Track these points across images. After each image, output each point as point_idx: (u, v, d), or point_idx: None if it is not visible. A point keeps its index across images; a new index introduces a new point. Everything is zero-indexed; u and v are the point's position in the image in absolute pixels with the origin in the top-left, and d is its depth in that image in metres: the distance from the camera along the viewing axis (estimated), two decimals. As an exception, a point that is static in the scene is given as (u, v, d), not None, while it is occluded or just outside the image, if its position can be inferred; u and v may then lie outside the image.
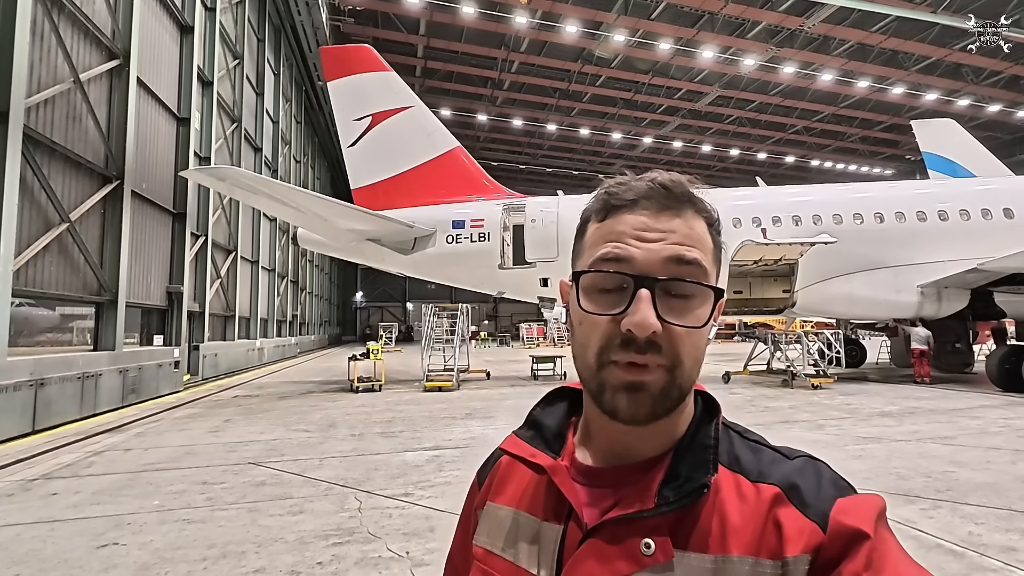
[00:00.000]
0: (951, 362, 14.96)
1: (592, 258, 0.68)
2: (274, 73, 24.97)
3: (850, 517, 0.58)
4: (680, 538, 0.62)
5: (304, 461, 6.30)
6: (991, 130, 35.32)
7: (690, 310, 0.64)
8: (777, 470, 0.65)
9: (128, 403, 10.64)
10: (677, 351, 0.63)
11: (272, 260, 24.66)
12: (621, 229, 0.67)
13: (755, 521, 0.61)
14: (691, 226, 0.67)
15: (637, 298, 0.63)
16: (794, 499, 0.61)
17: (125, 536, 4.09)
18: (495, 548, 0.73)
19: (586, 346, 0.66)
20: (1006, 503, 4.54)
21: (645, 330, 0.61)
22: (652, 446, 0.68)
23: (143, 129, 11.81)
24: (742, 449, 0.69)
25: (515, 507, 0.75)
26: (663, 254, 0.65)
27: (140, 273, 11.84)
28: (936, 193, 14.08)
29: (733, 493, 0.64)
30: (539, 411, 0.84)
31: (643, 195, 0.68)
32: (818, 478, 0.63)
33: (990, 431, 7.46)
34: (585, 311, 0.66)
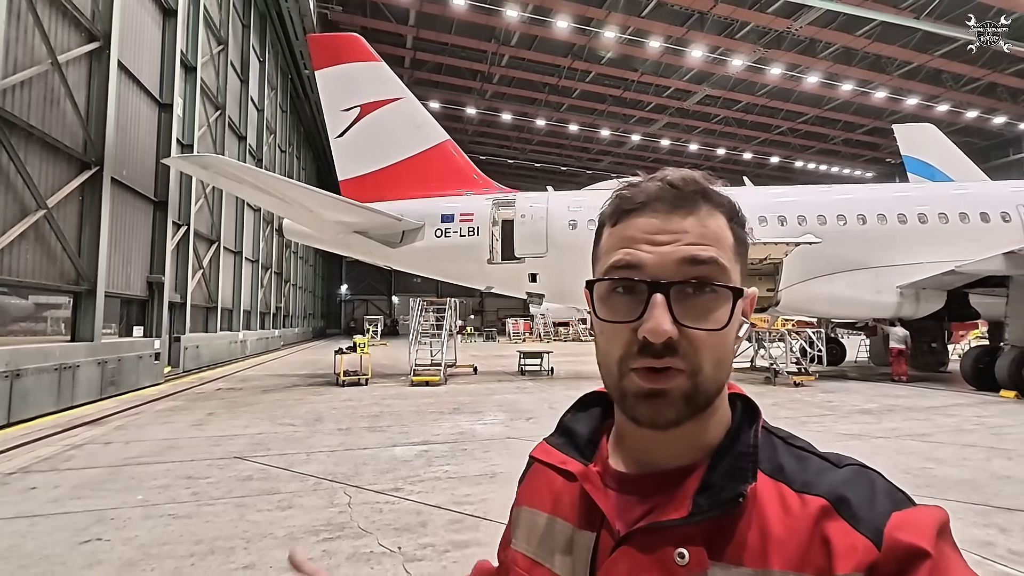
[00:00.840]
0: (927, 361, 15.37)
1: (606, 265, 0.67)
2: (259, 60, 24.48)
3: (908, 533, 0.53)
4: (716, 549, 0.59)
5: (291, 455, 6.23)
6: (968, 135, 36.23)
7: (709, 312, 0.62)
8: (824, 480, 0.60)
9: (107, 395, 10.40)
10: (697, 355, 0.61)
11: (256, 251, 24.26)
12: (631, 234, 0.66)
13: (799, 535, 0.57)
14: (706, 224, 0.65)
15: (651, 304, 0.61)
16: (844, 512, 0.57)
17: (108, 531, 4.00)
18: (531, 553, 0.73)
19: (607, 355, 0.65)
20: (983, 499, 4.69)
21: (660, 336, 0.60)
22: (683, 452, 0.66)
23: (124, 114, 11.48)
24: (786, 456, 0.65)
25: (550, 512, 0.74)
26: (676, 256, 0.63)
27: (120, 262, 11.54)
28: (916, 196, 14.42)
29: (775, 503, 0.60)
30: (571, 417, 0.82)
31: (653, 196, 0.66)
32: (871, 489, 0.59)
33: (965, 428, 7.69)
34: (602, 320, 0.65)
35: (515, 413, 8.99)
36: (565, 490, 0.73)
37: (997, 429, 7.61)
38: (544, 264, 13.64)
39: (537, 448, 0.81)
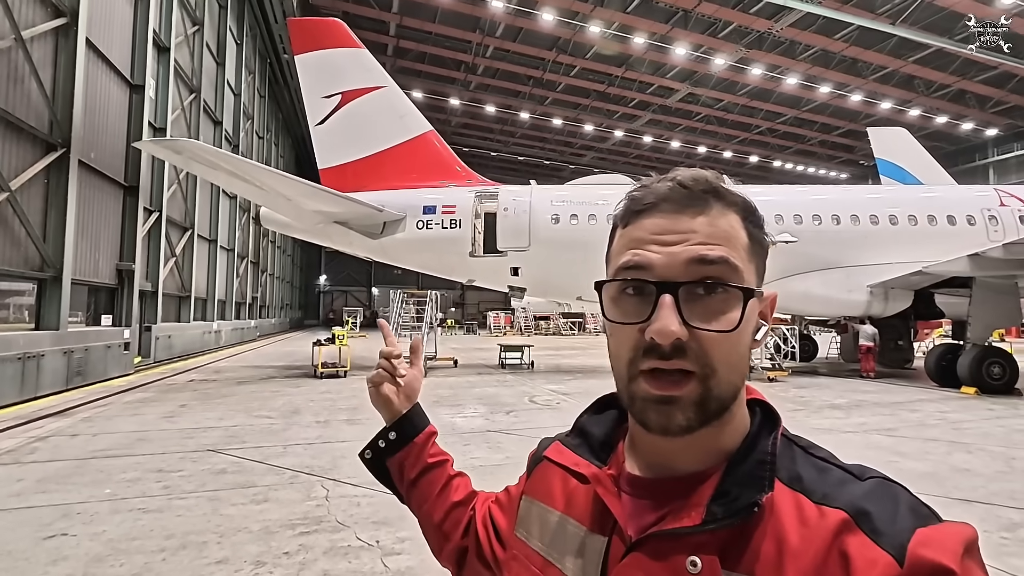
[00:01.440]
0: (894, 358, 15.87)
1: (616, 267, 0.67)
2: (236, 43, 23.79)
3: (932, 550, 0.50)
4: (730, 559, 0.58)
5: (267, 448, 6.13)
6: (938, 140, 37.38)
7: (719, 313, 0.61)
8: (845, 492, 0.58)
9: (73, 386, 10.07)
10: (708, 357, 0.60)
11: (231, 239, 23.69)
12: (640, 235, 0.65)
13: (817, 547, 0.55)
14: (716, 223, 0.63)
15: (660, 304, 0.60)
16: (865, 526, 0.54)
17: (75, 526, 3.89)
18: (543, 552, 0.73)
19: (617, 357, 0.65)
20: (944, 491, 4.89)
21: (667, 337, 0.59)
22: (696, 459, 0.65)
23: (92, 95, 11.05)
24: (805, 466, 0.63)
25: (563, 511, 0.73)
26: (684, 256, 0.62)
27: (87, 249, 11.15)
28: (887, 198, 14.82)
29: (792, 514, 0.58)
30: (587, 418, 0.81)
31: (663, 197, 0.65)
32: (895, 504, 0.56)
33: (928, 423, 7.99)
34: (612, 321, 0.65)
35: (495, 406, 9.00)
36: (578, 491, 0.73)
37: (958, 424, 7.93)
38: (526, 258, 13.63)
39: (551, 448, 0.81)
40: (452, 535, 0.95)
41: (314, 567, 3.32)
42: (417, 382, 1.07)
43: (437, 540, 0.97)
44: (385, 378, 1.04)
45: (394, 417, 1.03)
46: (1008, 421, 8.15)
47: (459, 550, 0.94)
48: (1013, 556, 3.58)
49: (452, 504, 0.97)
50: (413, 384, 1.06)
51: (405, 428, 1.02)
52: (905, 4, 23.28)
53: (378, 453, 1.03)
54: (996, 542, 3.80)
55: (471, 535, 0.92)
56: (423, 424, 1.04)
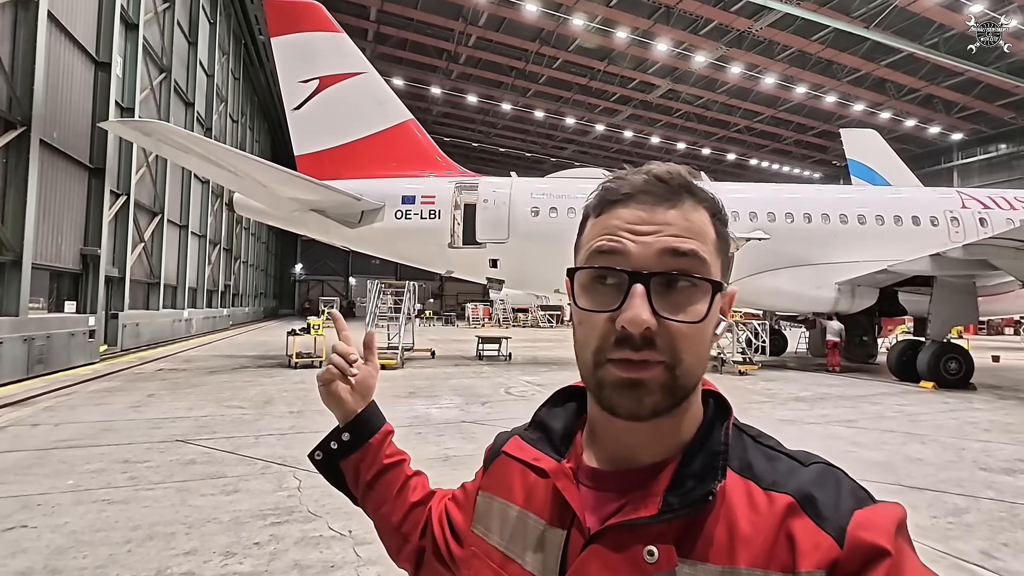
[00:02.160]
0: (858, 353, 16.44)
1: (587, 253, 0.67)
2: (210, 22, 23.01)
3: (869, 532, 0.55)
4: (685, 546, 0.60)
5: (238, 439, 6.05)
6: (906, 143, 38.55)
7: (688, 304, 0.62)
8: (792, 479, 0.62)
9: (34, 374, 9.72)
10: (676, 347, 0.61)
11: (203, 225, 23.08)
12: (615, 223, 0.65)
13: (766, 532, 0.58)
14: (689, 218, 0.65)
15: (631, 294, 0.61)
16: (809, 510, 0.58)
17: (35, 518, 3.79)
18: (503, 547, 0.72)
19: (585, 345, 0.65)
20: (895, 479, 5.13)
21: (638, 326, 0.59)
22: (657, 449, 0.66)
23: (55, 71, 10.59)
24: (755, 454, 0.66)
25: (522, 506, 0.73)
26: (657, 247, 0.63)
27: (49, 232, 10.73)
28: (856, 198, 15.27)
29: (743, 501, 0.61)
30: (545, 412, 0.81)
31: (639, 188, 0.66)
32: (836, 488, 0.60)
33: (886, 415, 8.33)
34: (581, 308, 0.65)
35: (471, 397, 9.04)
36: (538, 485, 0.73)
37: (914, 416, 8.29)
38: (505, 250, 13.64)
39: (510, 443, 0.80)
40: (411, 536, 0.92)
41: (285, 557, 3.31)
42: (372, 379, 1.02)
43: (395, 542, 0.94)
44: (336, 375, 0.99)
45: (348, 417, 0.98)
46: (961, 414, 8.56)
47: (417, 551, 0.92)
48: (958, 540, 3.78)
49: (411, 505, 0.94)
50: (367, 381, 1.01)
51: (360, 428, 0.98)
52: (879, 8, 23.86)
53: (330, 455, 0.99)
54: (943, 527, 4.01)
55: (428, 534, 0.91)
56: (379, 423, 1.00)
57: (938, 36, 25.54)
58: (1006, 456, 6.04)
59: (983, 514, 4.29)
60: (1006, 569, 3.38)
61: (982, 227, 13.93)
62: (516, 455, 0.77)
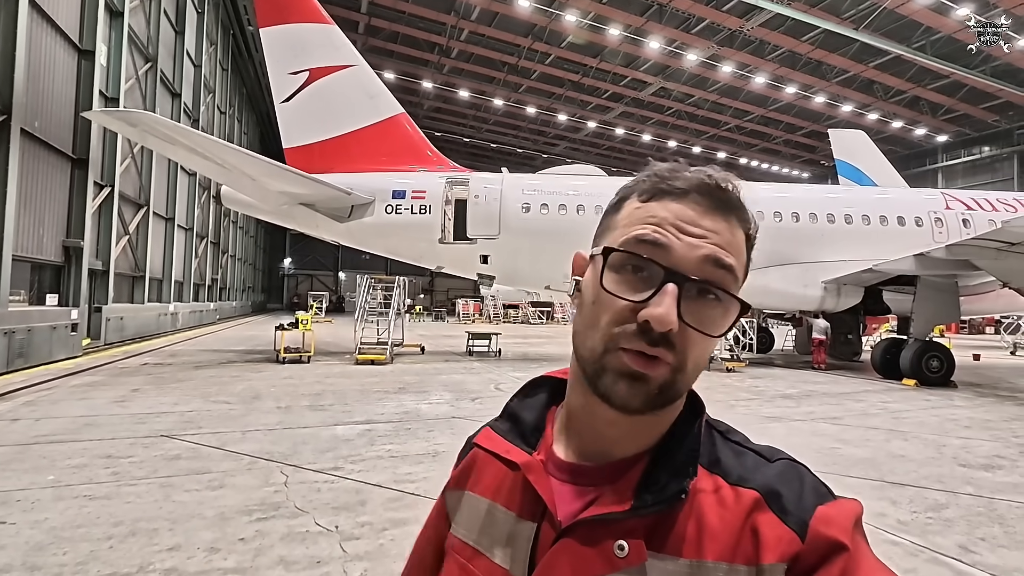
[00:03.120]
0: (843, 351, 16.69)
1: (626, 236, 0.64)
2: (197, 11, 22.63)
3: (829, 527, 0.57)
4: (655, 541, 0.60)
5: (225, 434, 5.99)
6: (893, 144, 39.08)
7: (712, 317, 0.61)
8: (758, 474, 0.63)
9: (14, 368, 9.55)
10: (686, 354, 0.61)
11: (190, 218, 22.75)
12: (664, 215, 0.64)
13: (733, 526, 0.60)
14: (734, 233, 0.65)
15: (663, 291, 0.59)
16: (774, 506, 0.60)
17: (14, 514, 3.72)
18: (471, 540, 0.71)
19: (595, 327, 0.63)
20: (879, 475, 5.21)
21: (664, 325, 0.58)
22: (632, 444, 0.66)
23: (36, 59, 10.35)
24: (724, 450, 0.67)
25: (492, 499, 0.72)
26: (702, 252, 0.61)
27: (30, 223, 10.52)
28: (844, 198, 15.46)
29: (711, 497, 0.62)
30: (517, 402, 0.80)
31: (696, 188, 0.65)
32: (800, 484, 0.62)
33: (870, 413, 8.46)
34: (605, 290, 0.63)
35: (461, 393, 9.03)
36: (508, 477, 0.72)
37: (897, 413, 8.43)
38: (496, 246, 13.62)
39: (480, 435, 0.79)
40: None
41: (270, 553, 3.28)
42: None
43: None
44: None
45: None
46: (942, 411, 8.72)
47: None
48: (937, 535, 3.86)
49: None
50: None
51: None
52: (868, 10, 24.10)
53: None
54: (923, 522, 4.09)
55: None
56: None
57: (925, 39, 25.87)
58: (985, 452, 6.16)
59: (962, 509, 4.38)
60: (983, 563, 3.45)
61: (965, 228, 14.16)
62: (487, 447, 0.76)
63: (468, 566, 0.70)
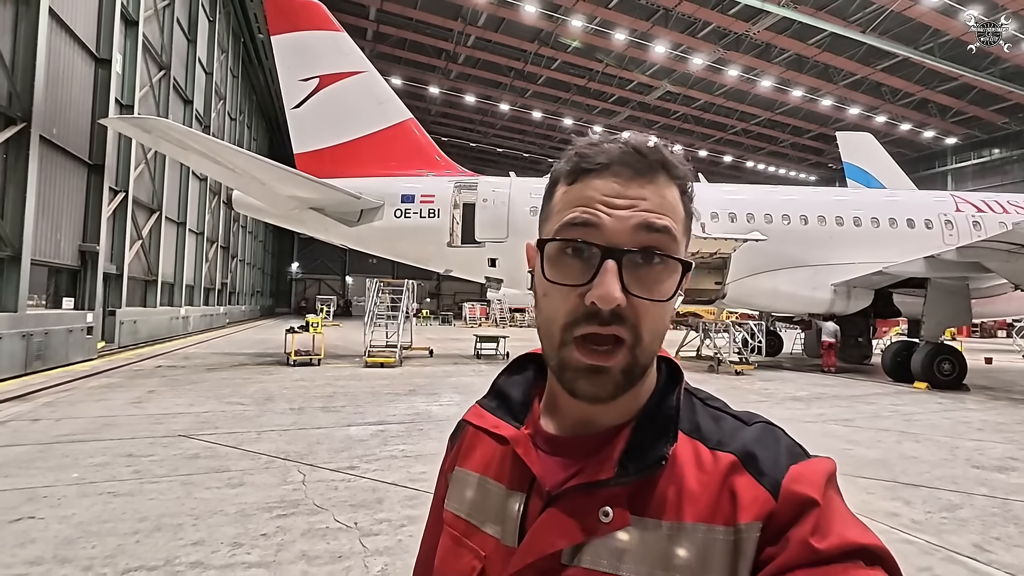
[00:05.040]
0: (853, 354, 16.59)
1: (559, 223, 0.65)
2: (209, 20, 22.97)
3: (801, 484, 0.59)
4: (638, 505, 0.62)
5: (241, 434, 6.08)
6: (901, 146, 38.88)
7: (657, 283, 0.62)
8: (736, 438, 0.65)
9: (32, 370, 9.71)
10: (640, 325, 0.61)
11: (201, 223, 23.03)
12: (590, 194, 0.64)
13: (711, 489, 0.61)
14: (663, 194, 0.64)
15: (603, 269, 0.60)
16: (750, 468, 0.61)
17: (42, 510, 3.81)
18: (462, 513, 0.73)
19: (551, 320, 0.64)
20: (891, 476, 5.21)
21: (609, 303, 0.59)
22: (614, 415, 0.68)
23: (55, 68, 10.57)
24: (703, 416, 0.69)
25: (482, 473, 0.74)
26: (632, 222, 0.62)
27: (48, 228, 10.72)
28: (852, 201, 15.42)
29: (691, 461, 0.64)
30: (504, 379, 0.82)
31: (615, 160, 0.64)
32: (775, 445, 0.63)
33: (881, 415, 8.43)
34: (550, 281, 0.64)
35: (471, 395, 9.05)
36: (497, 451, 0.74)
37: (909, 416, 8.39)
38: (504, 249, 13.70)
39: (470, 412, 0.80)
40: None
41: (292, 548, 3.35)
42: None
43: None
44: None
45: None
46: (954, 414, 8.67)
47: None
48: (952, 534, 3.87)
49: None
50: None
51: None
52: (875, 13, 24.05)
53: None
54: (937, 521, 4.09)
55: None
56: None
57: (933, 41, 25.76)
58: (998, 455, 6.14)
59: (976, 510, 4.38)
60: (998, 561, 3.46)
61: (976, 230, 14.09)
62: (476, 423, 0.78)
63: (461, 538, 0.72)
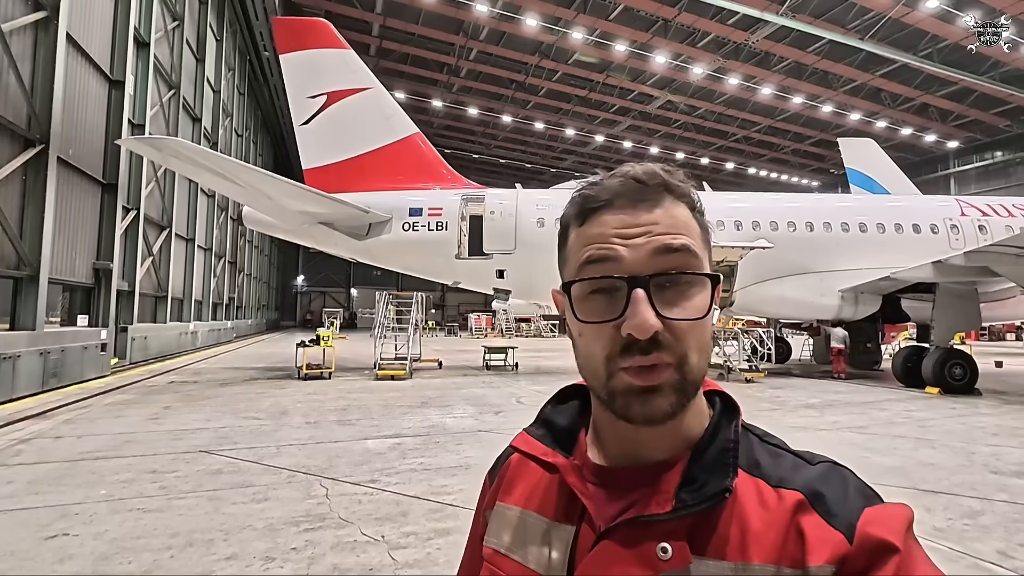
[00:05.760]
0: (863, 360, 16.56)
1: (578, 263, 0.65)
2: (216, 39, 23.37)
3: (878, 528, 0.55)
4: (698, 544, 0.60)
5: (260, 449, 6.14)
6: (903, 151, 38.96)
7: (689, 301, 0.62)
8: (800, 476, 0.62)
9: (49, 387, 9.81)
10: (681, 345, 0.61)
11: (209, 239, 23.25)
12: (601, 231, 0.64)
13: (776, 528, 0.59)
14: (673, 215, 0.65)
15: (633, 299, 0.60)
16: (818, 507, 0.58)
17: (75, 527, 3.88)
18: (503, 548, 0.71)
19: (591, 356, 0.64)
20: (911, 483, 5.22)
21: (646, 331, 0.59)
22: (663, 446, 0.66)
23: (71, 90, 10.80)
24: (762, 453, 0.67)
25: (523, 506, 0.73)
26: (648, 248, 0.62)
27: (64, 247, 10.88)
28: (856, 207, 15.50)
29: (753, 498, 0.61)
30: (550, 409, 0.81)
31: (617, 193, 0.65)
32: (844, 486, 0.61)
33: (896, 421, 8.42)
34: (582, 321, 0.64)
35: (483, 407, 9.12)
36: (541, 483, 0.73)
37: (923, 422, 8.38)
38: (512, 261, 13.80)
39: (518, 438, 0.79)
40: None
41: (323, 561, 3.40)
42: None
43: None
44: None
45: None
46: (969, 419, 8.65)
47: None
48: (975, 541, 3.88)
49: None
50: None
51: None
52: (873, 20, 24.28)
53: None
54: (959, 528, 4.11)
55: None
56: None
57: (932, 47, 25.96)
58: (1016, 459, 6.13)
59: (998, 516, 4.38)
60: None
61: (981, 234, 14.12)
62: (526, 450, 0.75)
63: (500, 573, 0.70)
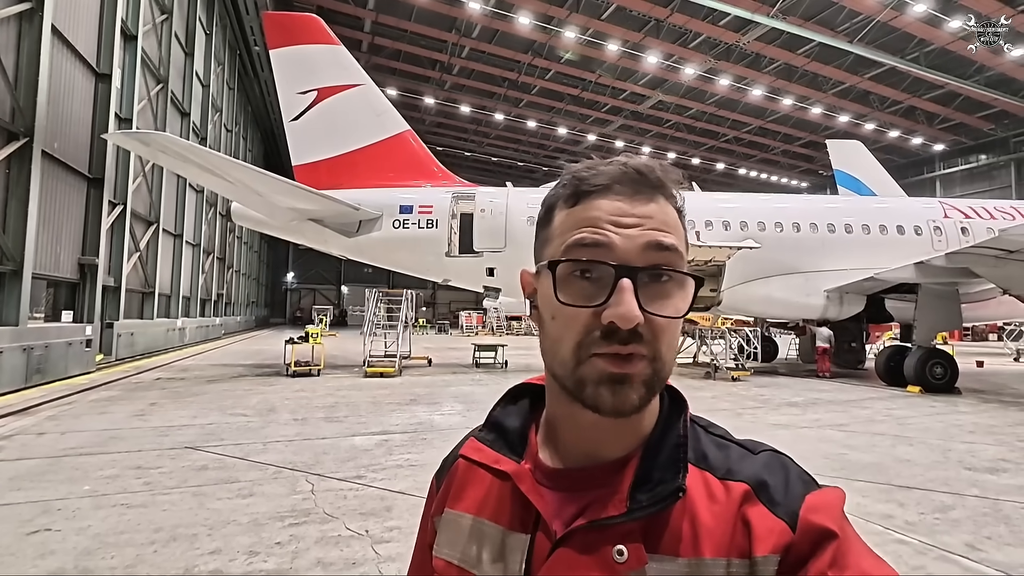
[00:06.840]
0: (847, 359, 16.80)
1: (565, 244, 0.63)
2: (206, 33, 23.14)
3: (818, 515, 0.58)
4: (652, 542, 0.59)
5: (247, 445, 6.14)
6: (890, 153, 39.49)
7: (670, 300, 0.62)
8: (745, 467, 0.63)
9: (33, 384, 9.70)
10: (657, 341, 0.60)
11: (197, 234, 23.05)
12: (596, 215, 0.63)
13: (726, 521, 0.60)
14: (666, 212, 0.64)
15: (619, 288, 0.59)
16: (763, 497, 0.60)
17: (57, 522, 3.87)
18: (455, 559, 0.69)
19: (561, 340, 0.62)
20: (886, 479, 5.34)
21: (630, 322, 0.58)
22: (621, 444, 0.65)
23: (57, 83, 10.66)
24: (708, 445, 0.67)
25: (476, 514, 0.70)
26: (642, 240, 0.61)
27: (49, 242, 10.75)
28: (843, 208, 15.71)
29: (702, 492, 0.62)
30: (500, 411, 0.78)
31: (616, 179, 0.64)
32: (786, 474, 0.62)
33: (876, 419, 8.58)
34: (562, 303, 0.62)
35: (472, 404, 9.17)
36: (493, 489, 0.70)
37: (902, 420, 8.55)
38: (502, 259, 13.83)
39: (467, 446, 0.76)
40: None
41: (307, 555, 3.43)
42: None
43: None
44: None
45: None
46: (947, 417, 8.84)
47: None
48: (944, 534, 4.00)
49: None
50: None
51: None
52: (862, 23, 24.59)
53: None
54: (930, 522, 4.23)
55: None
56: None
57: (919, 50, 26.35)
58: (990, 456, 6.29)
59: (968, 510, 4.51)
60: (989, 560, 3.59)
61: (964, 236, 14.37)
62: (476, 458, 0.73)
63: None
